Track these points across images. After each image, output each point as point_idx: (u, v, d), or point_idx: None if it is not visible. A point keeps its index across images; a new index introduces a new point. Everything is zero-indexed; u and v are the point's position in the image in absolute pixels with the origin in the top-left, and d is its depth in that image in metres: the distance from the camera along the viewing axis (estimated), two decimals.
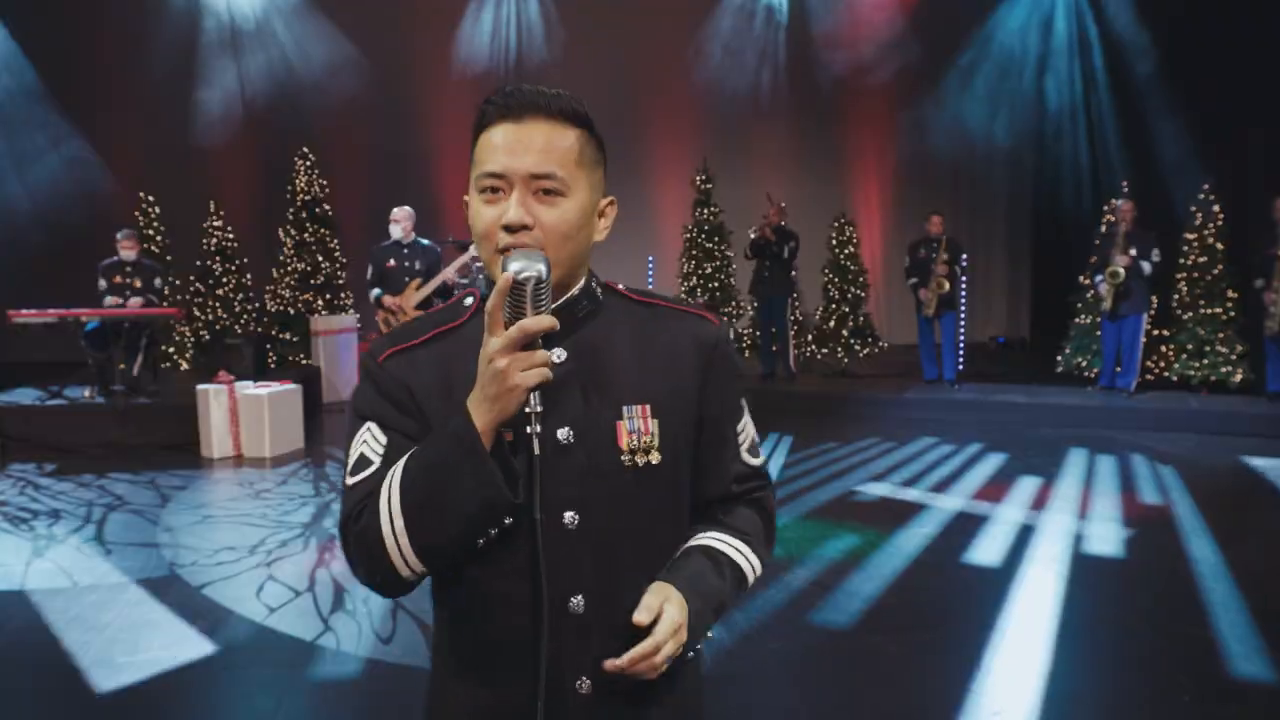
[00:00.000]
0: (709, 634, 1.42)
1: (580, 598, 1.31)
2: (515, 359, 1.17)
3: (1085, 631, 4.22)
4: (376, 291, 8.24)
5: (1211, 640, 4.12)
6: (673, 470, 1.37)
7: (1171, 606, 4.54)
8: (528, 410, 1.20)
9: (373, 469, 1.31)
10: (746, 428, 1.51)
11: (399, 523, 1.23)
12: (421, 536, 1.23)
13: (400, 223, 8.40)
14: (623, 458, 1.33)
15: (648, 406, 1.35)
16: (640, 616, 1.25)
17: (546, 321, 1.18)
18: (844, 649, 4.05)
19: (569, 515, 1.30)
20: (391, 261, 8.29)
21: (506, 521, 1.25)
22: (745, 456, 1.49)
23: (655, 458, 1.34)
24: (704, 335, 1.42)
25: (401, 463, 1.26)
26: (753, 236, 10.81)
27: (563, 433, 1.30)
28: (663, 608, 1.27)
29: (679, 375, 1.39)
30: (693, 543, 1.43)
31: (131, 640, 4.14)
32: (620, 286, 1.46)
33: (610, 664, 1.25)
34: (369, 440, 1.33)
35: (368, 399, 1.36)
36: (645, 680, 1.29)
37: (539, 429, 1.21)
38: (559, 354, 1.32)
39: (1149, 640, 4.16)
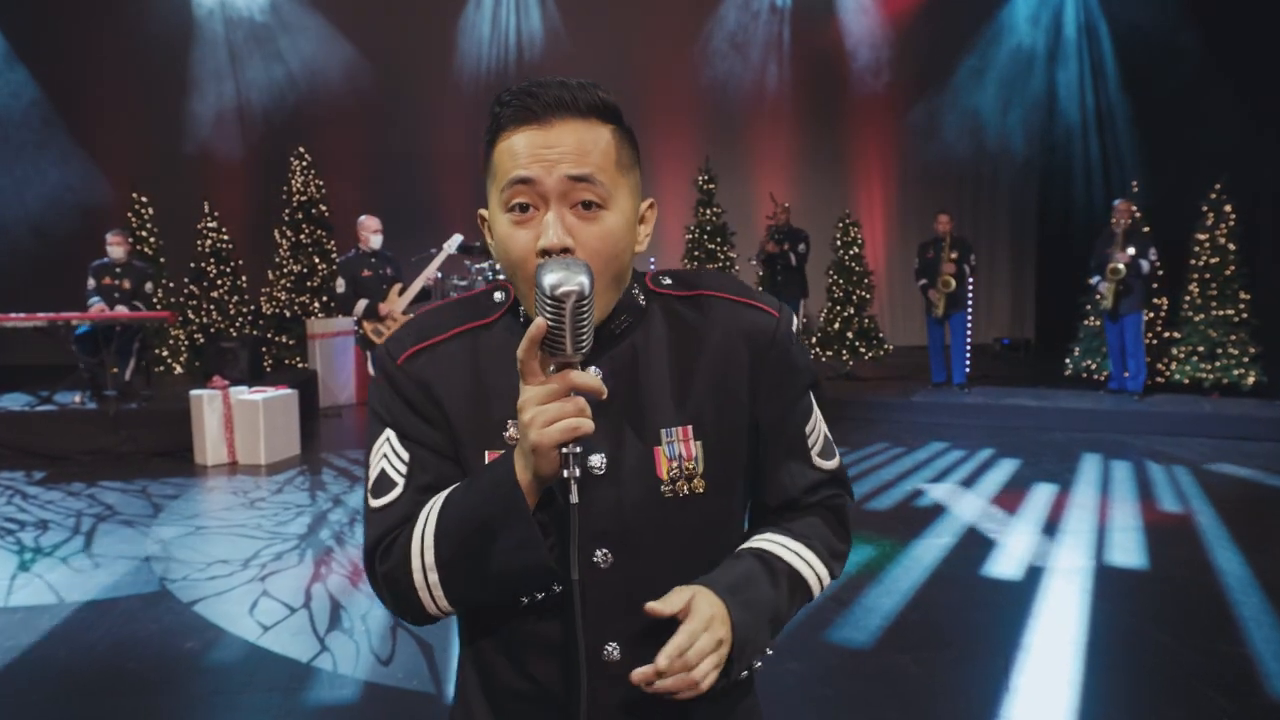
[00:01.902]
0: (766, 651, 1.22)
1: (615, 645, 1.16)
2: (540, 411, 0.99)
3: (1114, 648, 4.05)
4: (364, 303, 7.99)
5: (1248, 657, 3.95)
6: (719, 497, 1.21)
7: (1202, 621, 4.37)
8: (565, 450, 1.01)
9: (396, 493, 1.17)
10: (816, 427, 1.31)
11: (433, 575, 1.11)
12: (456, 590, 1.12)
13: (379, 232, 8.31)
14: (663, 488, 1.16)
15: (690, 428, 1.19)
16: (656, 605, 1.07)
17: (594, 382, 1.01)
18: (865, 669, 3.87)
19: (600, 553, 1.14)
20: (366, 271, 8.14)
21: (557, 589, 1.11)
22: (818, 461, 1.30)
23: (699, 485, 1.18)
24: (758, 330, 1.23)
25: (437, 507, 1.12)
26: (758, 261, 10.70)
27: (595, 460, 1.14)
28: (690, 603, 1.08)
29: (728, 383, 1.22)
30: (743, 546, 1.25)
31: (118, 662, 3.96)
32: (665, 281, 1.27)
33: (639, 673, 1.05)
34: (389, 454, 1.18)
35: (385, 402, 1.20)
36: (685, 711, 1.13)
37: (577, 472, 1.02)
38: (594, 372, 1.14)
39: (1181, 657, 3.98)
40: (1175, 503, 6.35)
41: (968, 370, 10.38)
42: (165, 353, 11.80)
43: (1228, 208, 9.99)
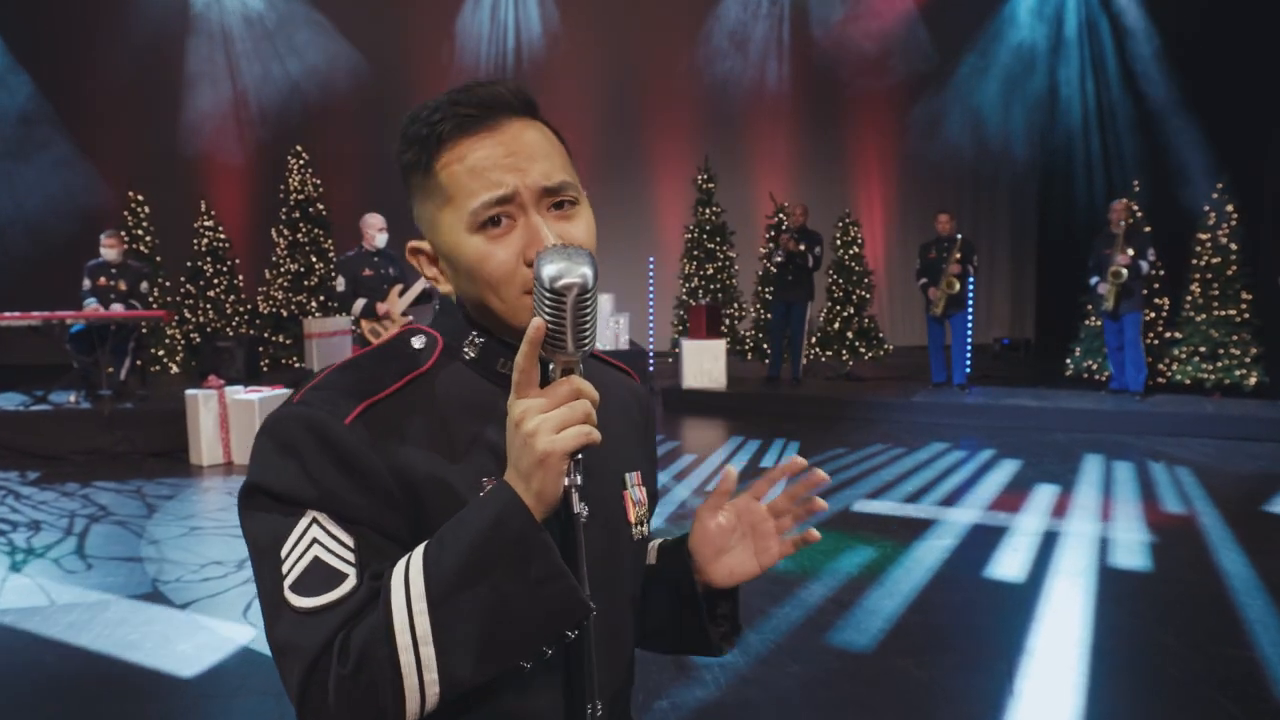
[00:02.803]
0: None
1: (599, 704, 1.00)
2: (546, 419, 0.89)
3: (1119, 651, 3.99)
4: (363, 302, 7.79)
5: (1255, 661, 3.89)
6: (648, 539, 1.22)
7: (1207, 624, 4.31)
8: (566, 484, 0.92)
9: (347, 585, 0.92)
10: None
11: (427, 650, 0.89)
12: (458, 665, 0.90)
13: (384, 230, 8.03)
14: (632, 532, 1.13)
15: (639, 473, 1.18)
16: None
17: (593, 390, 0.93)
18: (867, 672, 3.81)
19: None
20: (367, 270, 7.93)
21: (570, 635, 0.94)
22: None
23: (646, 530, 1.18)
24: (640, 393, 1.28)
25: (417, 565, 0.90)
26: (779, 259, 10.60)
27: (578, 509, 1.01)
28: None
29: (642, 435, 1.24)
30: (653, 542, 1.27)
31: (109, 665, 3.90)
32: None
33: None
34: (321, 540, 0.93)
35: (309, 476, 0.94)
36: None
37: (579, 480, 0.92)
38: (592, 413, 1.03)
39: (1187, 661, 3.93)
40: (1178, 504, 6.30)
41: (968, 370, 10.33)
42: (162, 352, 11.74)
43: (1229, 207, 9.95)
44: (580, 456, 0.91)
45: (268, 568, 0.94)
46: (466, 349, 1.05)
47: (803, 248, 10.49)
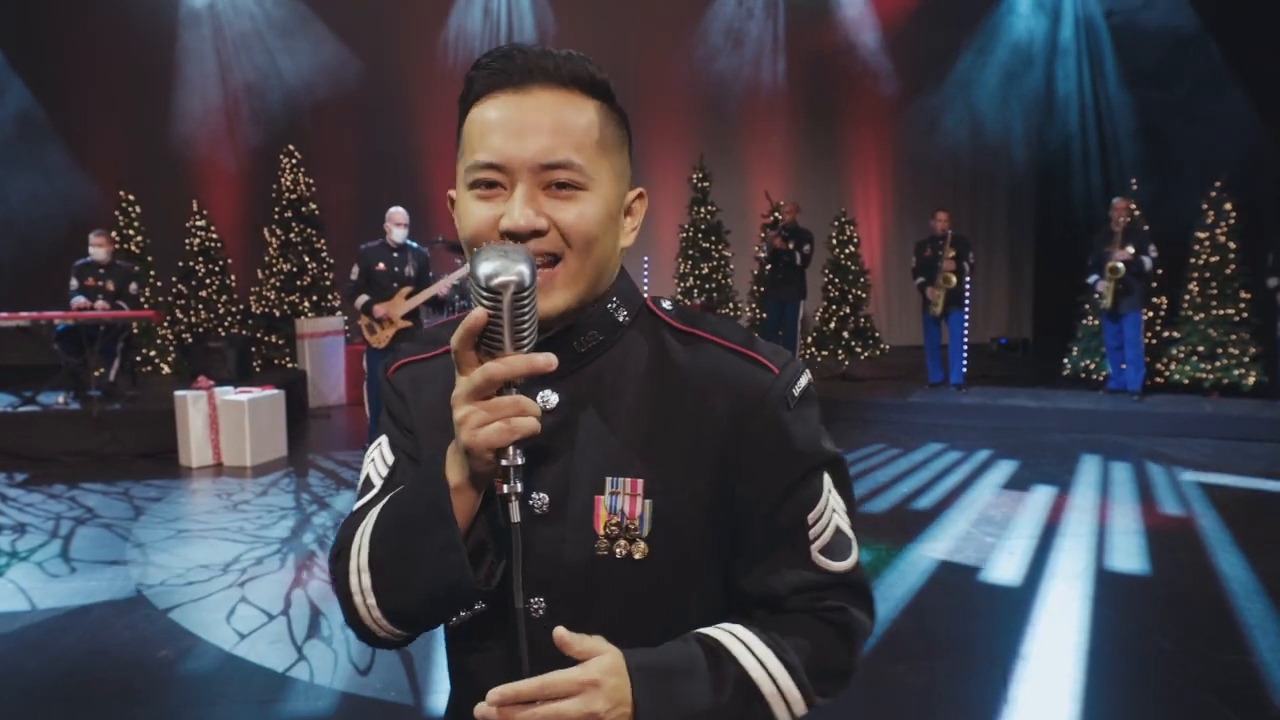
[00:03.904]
0: None
1: None
2: (472, 411, 0.88)
3: (1117, 657, 3.93)
4: (365, 298, 7.63)
5: (1253, 666, 3.83)
6: (664, 569, 1.02)
7: (1206, 628, 4.25)
8: (505, 463, 0.89)
9: (371, 495, 1.12)
10: (826, 519, 1.06)
11: (365, 579, 1.02)
12: (388, 599, 1.01)
13: (403, 225, 7.81)
14: (596, 544, 1.00)
15: (640, 483, 1.01)
16: (567, 636, 0.90)
17: (522, 365, 0.88)
18: (860, 678, 3.72)
19: (535, 601, 1.01)
20: (381, 265, 7.73)
21: (477, 607, 0.98)
22: (819, 559, 1.06)
23: (640, 551, 1.00)
24: (748, 386, 1.03)
25: (379, 506, 1.04)
26: (763, 255, 10.53)
27: (537, 499, 1.00)
28: (591, 654, 0.91)
29: (701, 443, 1.02)
30: (699, 630, 1.02)
31: (89, 671, 3.83)
32: (665, 306, 1.10)
33: (480, 709, 0.89)
34: (377, 459, 1.15)
35: (385, 409, 1.18)
36: None
37: (519, 488, 0.90)
38: (547, 398, 1.01)
39: (1186, 665, 3.87)
40: (1176, 505, 6.24)
41: (965, 370, 10.27)
42: (153, 353, 11.66)
43: (1228, 206, 9.90)
44: (516, 451, 0.90)
45: (361, 470, 1.18)
46: None
47: (790, 245, 10.42)
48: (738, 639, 1.00)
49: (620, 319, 1.06)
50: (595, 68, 1.01)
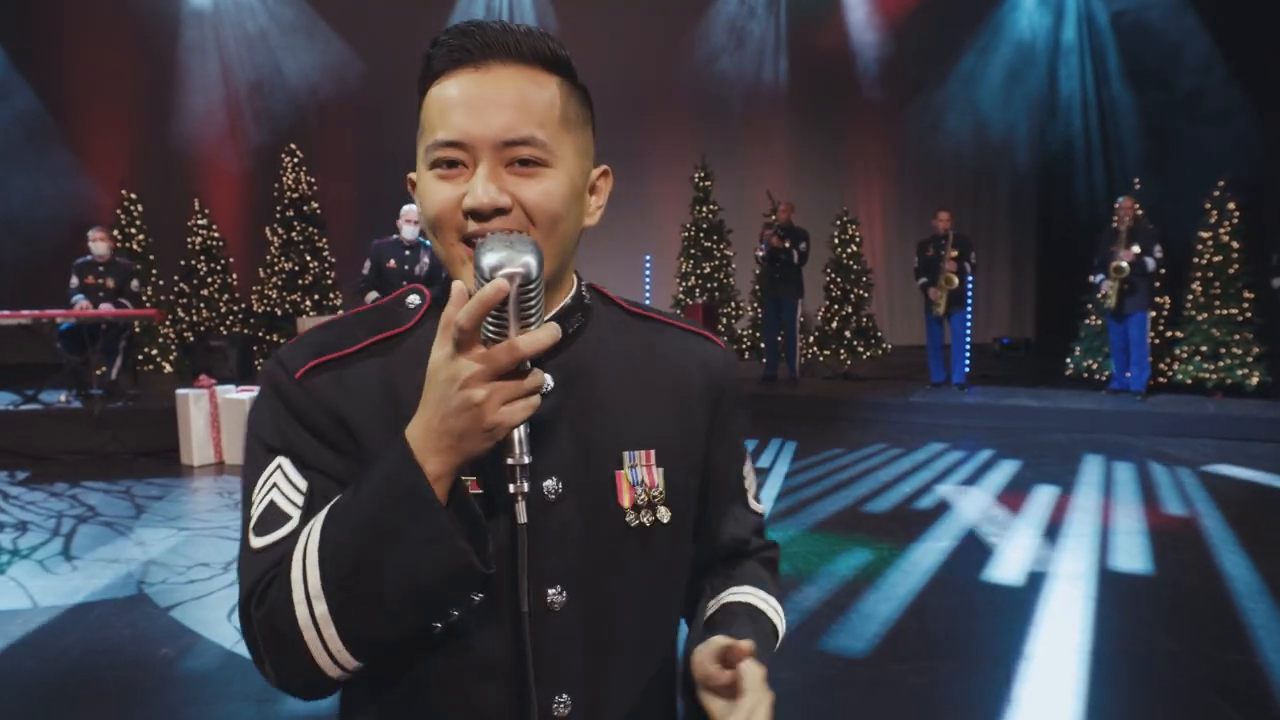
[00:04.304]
0: None
1: (566, 698, 1.00)
2: (497, 388, 0.84)
3: (1119, 657, 3.91)
4: (375, 295, 7.56)
5: (1258, 667, 3.81)
6: (680, 529, 1.08)
7: (1210, 629, 4.24)
8: (511, 462, 0.88)
9: (289, 527, 0.94)
10: (750, 471, 1.25)
11: (320, 606, 0.87)
12: (353, 623, 0.88)
13: (415, 223, 7.73)
14: (627, 517, 1.02)
15: (652, 452, 1.05)
16: (741, 645, 0.96)
17: (546, 337, 0.85)
18: (863, 678, 3.73)
19: (553, 592, 0.98)
20: (392, 261, 7.71)
21: (475, 599, 0.92)
22: (754, 504, 1.24)
23: (664, 514, 1.04)
24: (714, 362, 1.14)
25: (319, 519, 0.90)
26: (761, 254, 10.53)
27: (549, 484, 0.98)
28: (748, 669, 0.97)
29: (687, 411, 1.09)
30: (731, 599, 1.15)
31: (90, 669, 3.83)
32: (609, 291, 1.13)
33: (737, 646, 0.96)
34: (281, 484, 0.96)
35: (276, 425, 0.98)
36: None
37: (525, 487, 0.89)
38: (545, 381, 0.98)
39: (1189, 666, 3.85)
40: (1179, 505, 6.23)
41: (967, 370, 10.25)
42: (155, 351, 11.66)
43: (1231, 205, 9.88)
44: (524, 449, 0.89)
45: (244, 506, 0.99)
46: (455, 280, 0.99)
47: (787, 244, 10.41)
48: (758, 596, 1.16)
49: (587, 300, 1.07)
50: (556, 44, 0.99)
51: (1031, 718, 3.39)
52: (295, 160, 12.13)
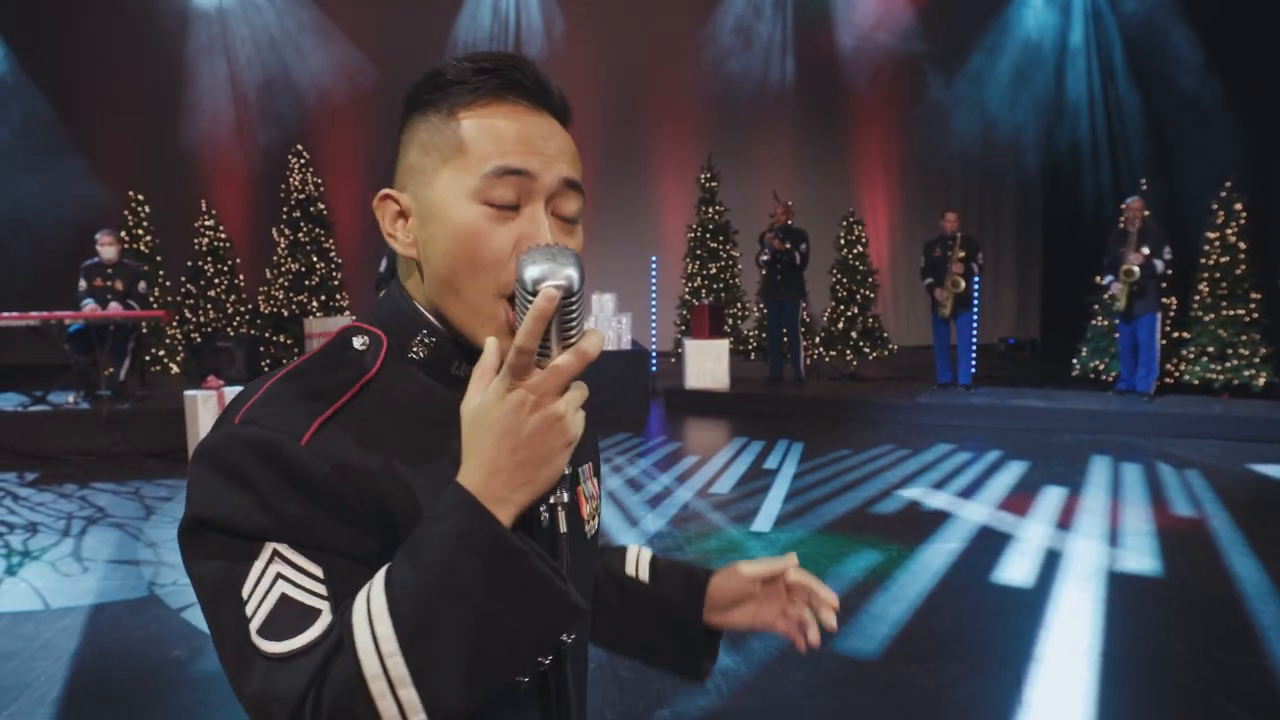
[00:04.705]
0: None
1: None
2: (569, 399, 0.82)
3: (1130, 660, 3.92)
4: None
5: (1267, 669, 3.81)
6: (600, 534, 1.15)
7: (1219, 631, 4.24)
8: (565, 472, 0.87)
9: (322, 627, 0.81)
10: None
11: (406, 693, 0.78)
12: (445, 699, 0.79)
13: None
14: (586, 528, 1.05)
15: (590, 465, 1.09)
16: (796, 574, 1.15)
17: (600, 342, 0.82)
18: (873, 680, 3.74)
19: None
20: None
21: (567, 640, 0.94)
22: None
23: (597, 524, 1.10)
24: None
25: (379, 602, 0.79)
26: (764, 258, 10.55)
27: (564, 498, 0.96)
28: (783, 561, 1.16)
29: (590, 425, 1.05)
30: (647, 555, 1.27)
31: (102, 670, 3.84)
32: None
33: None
34: (287, 574, 0.82)
35: (264, 506, 0.82)
36: None
37: (565, 497, 0.89)
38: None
39: (1199, 669, 3.85)
40: (1188, 506, 6.22)
41: (973, 370, 10.25)
42: (162, 352, 11.69)
43: (1238, 206, 9.87)
44: (567, 468, 0.88)
45: (228, 611, 0.82)
46: (415, 349, 0.94)
47: (788, 245, 10.43)
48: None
49: None
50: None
51: (1043, 719, 3.39)
52: (302, 161, 12.15)
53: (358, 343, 0.94)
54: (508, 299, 0.88)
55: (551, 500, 0.89)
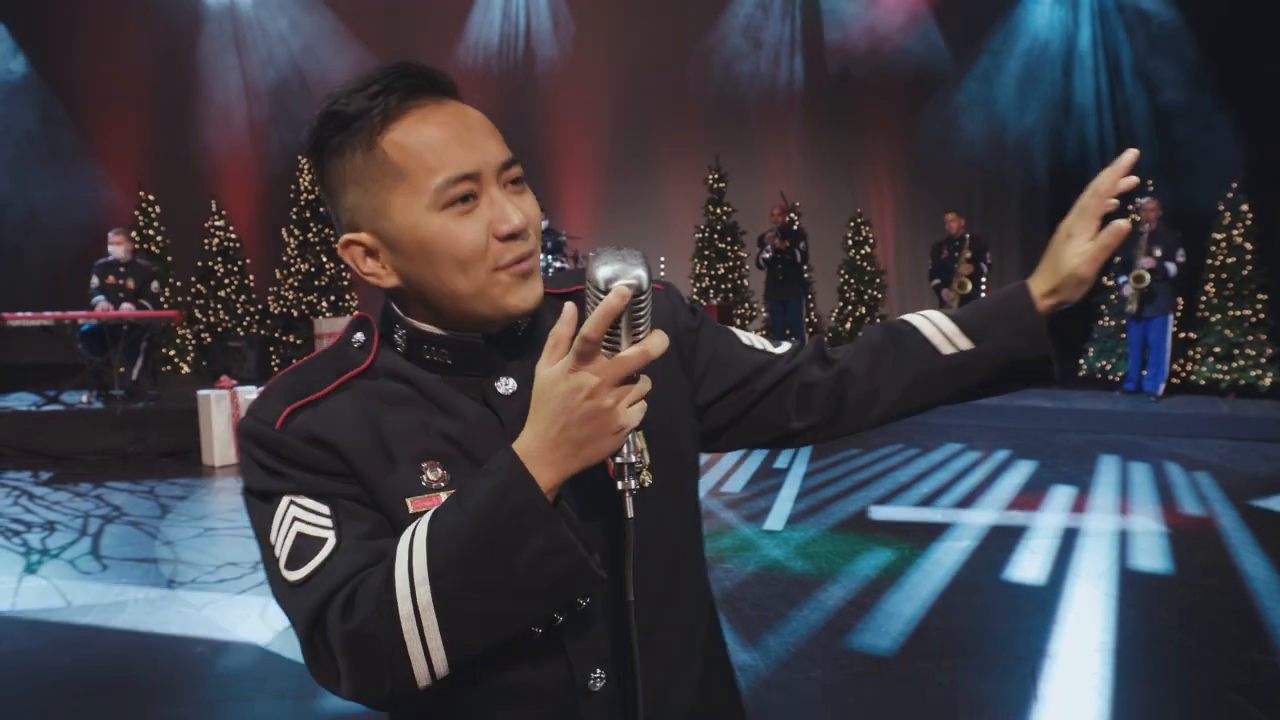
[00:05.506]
0: None
1: (600, 671, 1.05)
2: (623, 393, 0.89)
3: (1143, 657, 3.95)
4: None
5: None
6: (669, 485, 1.11)
7: (1231, 629, 4.27)
8: (620, 460, 0.92)
9: (328, 549, 0.95)
10: (750, 336, 1.27)
11: (429, 617, 0.90)
12: (462, 635, 0.91)
13: None
14: (617, 485, 1.03)
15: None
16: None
17: (663, 343, 0.89)
18: (889, 676, 3.78)
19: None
20: None
21: (583, 602, 1.00)
22: (773, 349, 1.25)
23: (647, 479, 1.08)
24: (658, 310, 1.11)
25: (422, 535, 0.91)
26: (766, 256, 10.59)
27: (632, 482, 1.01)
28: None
29: (654, 365, 1.06)
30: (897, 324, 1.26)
31: (126, 666, 3.89)
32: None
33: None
34: (301, 516, 0.98)
35: (272, 474, 0.99)
36: None
37: (633, 484, 0.93)
38: (508, 385, 1.04)
39: (1212, 665, 3.89)
40: (1196, 506, 6.25)
41: None
42: (172, 352, 11.75)
43: (1244, 207, 9.89)
44: (631, 447, 0.93)
45: (268, 555, 0.99)
46: (398, 341, 1.06)
47: (788, 244, 10.48)
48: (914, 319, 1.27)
49: None
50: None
51: (1058, 716, 3.43)
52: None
53: (358, 337, 1.09)
54: (505, 268, 0.99)
55: (620, 486, 0.93)
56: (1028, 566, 5.04)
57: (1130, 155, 1.17)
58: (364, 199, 0.99)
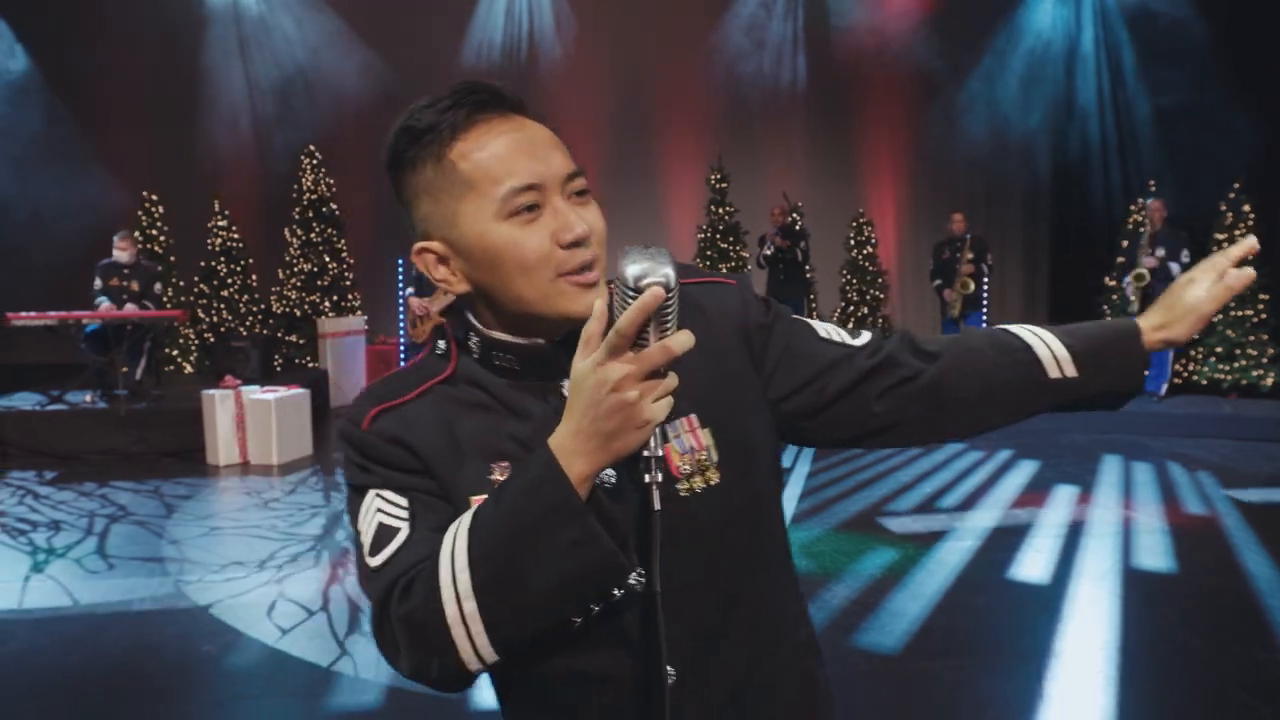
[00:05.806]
0: None
1: (671, 668, 1.06)
2: (648, 387, 0.91)
3: (1147, 655, 3.97)
4: (410, 290, 7.95)
5: None
6: (739, 483, 1.11)
7: (1235, 626, 4.29)
8: (646, 454, 0.94)
9: (401, 538, 1.04)
10: (828, 329, 1.24)
11: (470, 605, 0.95)
12: (501, 622, 0.96)
13: None
14: (678, 487, 1.08)
15: (693, 417, 1.10)
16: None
17: (688, 340, 0.91)
18: (895, 675, 3.80)
19: (633, 576, 1.04)
20: None
21: (617, 594, 1.02)
22: (852, 341, 1.22)
23: (714, 477, 1.09)
24: (729, 303, 1.17)
25: (465, 526, 0.97)
26: (767, 254, 10.62)
27: (605, 476, 1.04)
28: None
29: (727, 362, 1.14)
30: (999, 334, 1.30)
31: (135, 665, 3.91)
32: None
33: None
34: (383, 507, 1.07)
35: (363, 468, 1.10)
36: None
37: (659, 477, 0.95)
38: (566, 385, 1.03)
39: (1216, 664, 3.91)
40: (1199, 505, 6.27)
41: None
42: (175, 352, 11.76)
43: (1246, 207, 9.91)
44: (658, 441, 0.95)
45: (356, 542, 1.08)
46: (473, 347, 1.12)
47: (788, 244, 10.50)
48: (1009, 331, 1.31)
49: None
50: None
51: (1063, 714, 3.45)
52: (315, 162, 12.22)
53: (440, 346, 1.15)
54: (568, 276, 1.03)
55: (646, 479, 0.95)
56: (1032, 566, 5.05)
57: (1251, 241, 1.23)
58: (435, 209, 1.06)
